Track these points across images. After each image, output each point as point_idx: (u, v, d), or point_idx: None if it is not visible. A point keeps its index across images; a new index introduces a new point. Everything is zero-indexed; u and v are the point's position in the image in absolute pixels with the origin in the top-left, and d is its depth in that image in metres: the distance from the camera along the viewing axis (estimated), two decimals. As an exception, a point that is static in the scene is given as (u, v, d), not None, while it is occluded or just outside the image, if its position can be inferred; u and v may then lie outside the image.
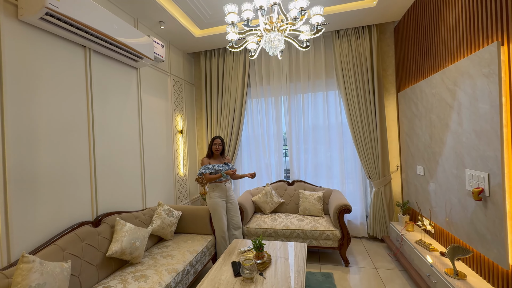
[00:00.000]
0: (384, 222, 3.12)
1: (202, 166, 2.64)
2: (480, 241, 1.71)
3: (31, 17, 1.59)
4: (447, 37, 2.04)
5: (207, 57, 3.78)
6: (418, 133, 2.58)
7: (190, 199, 3.67)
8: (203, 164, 2.66)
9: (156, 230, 2.38)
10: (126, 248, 1.91)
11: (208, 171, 2.61)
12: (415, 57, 2.63)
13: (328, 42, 3.39)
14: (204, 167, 2.63)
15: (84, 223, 1.90)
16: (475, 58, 1.68)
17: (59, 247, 1.63)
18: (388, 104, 3.26)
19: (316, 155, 3.52)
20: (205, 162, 2.68)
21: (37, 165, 1.66)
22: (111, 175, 2.27)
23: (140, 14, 2.65)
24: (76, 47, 2.00)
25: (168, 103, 3.30)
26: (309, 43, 2.21)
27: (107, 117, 2.27)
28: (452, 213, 2.04)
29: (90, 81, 2.10)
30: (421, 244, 2.30)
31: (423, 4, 2.43)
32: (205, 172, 2.61)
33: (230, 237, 2.69)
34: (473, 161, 1.74)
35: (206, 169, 2.62)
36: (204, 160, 2.69)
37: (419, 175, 2.60)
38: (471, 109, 1.74)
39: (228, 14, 1.88)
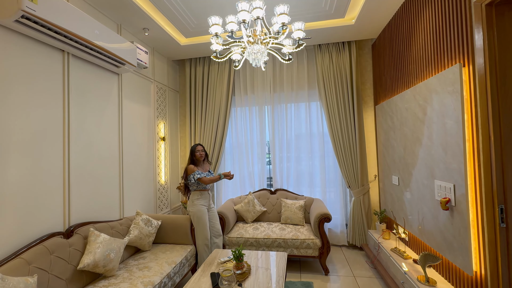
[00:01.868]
0: (363, 230, 3.21)
1: (196, 172, 2.59)
2: (448, 249, 1.81)
3: (5, 20, 1.53)
4: (418, 56, 2.20)
5: (192, 64, 3.79)
6: (394, 144, 2.71)
7: (171, 208, 3.59)
8: (192, 171, 2.61)
9: (133, 240, 2.30)
10: (100, 261, 1.82)
11: (203, 175, 2.60)
12: (390, 73, 2.80)
13: (310, 55, 3.52)
14: (198, 172, 2.59)
15: (54, 234, 1.81)
16: (441, 77, 1.82)
17: (24, 260, 1.53)
18: (367, 116, 3.41)
19: (299, 164, 3.59)
20: (192, 169, 2.63)
21: (4, 175, 1.57)
22: (86, 183, 2.18)
23: (123, 20, 2.63)
24: (54, 51, 1.94)
25: (151, 109, 3.25)
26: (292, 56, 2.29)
27: (85, 124, 2.20)
28: (424, 221, 2.14)
29: (68, 86, 2.04)
30: (396, 252, 2.39)
31: (396, 24, 2.61)
32: (201, 177, 2.57)
33: (211, 245, 2.65)
34: (441, 173, 1.85)
35: (201, 174, 2.59)
36: (192, 167, 2.64)
37: (394, 184, 2.72)
38: (439, 124, 1.87)
39: (212, 26, 1.92)
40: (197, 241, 2.57)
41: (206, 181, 2.58)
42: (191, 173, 2.60)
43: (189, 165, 2.67)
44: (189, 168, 2.64)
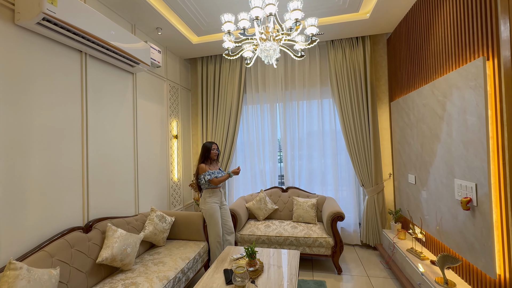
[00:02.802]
0: (377, 230, 3.14)
1: (206, 172, 2.62)
2: (469, 250, 1.74)
3: (27, 22, 1.59)
4: (437, 50, 2.11)
5: (204, 63, 3.82)
6: (410, 142, 2.63)
7: (183, 205, 3.65)
8: (203, 171, 2.64)
9: (148, 236, 2.35)
10: (117, 255, 1.88)
11: (213, 176, 2.62)
12: (406, 68, 2.70)
13: (323, 51, 3.46)
14: (208, 172, 2.62)
15: (74, 229, 1.88)
16: (462, 72, 1.74)
17: (48, 253, 1.60)
18: (381, 113, 3.32)
19: (311, 162, 3.55)
20: (205, 168, 2.66)
21: (28, 171, 1.65)
22: (103, 180, 2.25)
23: (138, 20, 2.68)
24: (73, 52, 2.00)
25: (164, 108, 3.31)
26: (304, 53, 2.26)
27: (102, 122, 2.26)
28: (442, 222, 2.07)
29: (86, 85, 2.10)
30: (413, 253, 2.33)
31: (414, 18, 2.51)
32: (211, 178, 2.60)
33: (223, 242, 2.68)
34: (461, 171, 1.78)
35: (211, 175, 2.62)
36: (204, 167, 2.66)
37: (410, 183, 2.65)
38: (459, 120, 1.79)
39: (225, 23, 1.92)
40: (210, 238, 2.61)
41: (216, 182, 2.61)
42: (202, 173, 2.63)
43: (200, 164, 2.68)
44: (200, 168, 2.66)
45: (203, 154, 2.74)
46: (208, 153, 2.73)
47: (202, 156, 2.74)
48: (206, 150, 2.74)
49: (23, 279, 1.27)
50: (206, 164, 2.71)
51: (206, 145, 2.76)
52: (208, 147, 2.74)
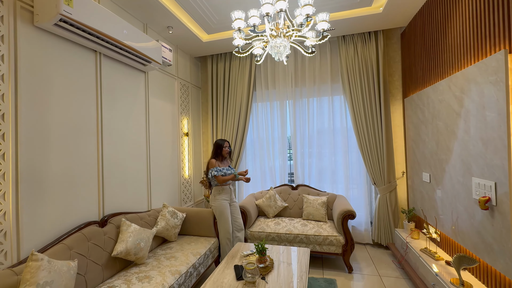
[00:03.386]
0: (389, 229, 3.09)
1: (213, 168, 2.64)
2: (487, 251, 1.68)
3: (46, 23, 1.65)
4: (454, 44, 2.03)
5: (213, 61, 3.84)
6: (425, 139, 2.55)
7: (194, 201, 3.70)
8: (212, 166, 2.66)
9: (161, 231, 2.41)
10: (131, 249, 1.94)
11: (220, 173, 2.64)
12: (421, 63, 2.62)
13: (334, 47, 3.40)
14: (216, 169, 2.64)
15: (91, 223, 1.95)
16: (482, 66, 1.67)
17: (66, 246, 1.67)
18: (394, 110, 3.24)
19: (321, 160, 3.51)
20: (214, 164, 2.68)
21: (47, 166, 1.72)
22: (117, 176, 2.32)
23: (149, 19, 2.72)
24: (88, 51, 2.06)
25: (175, 106, 3.35)
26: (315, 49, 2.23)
27: (115, 120, 2.32)
28: (459, 221, 2.01)
29: (100, 84, 2.16)
30: (427, 253, 2.27)
31: (430, 11, 2.42)
32: (217, 175, 2.62)
33: (233, 239, 2.70)
34: (480, 170, 1.71)
35: (218, 171, 2.63)
36: (213, 162, 2.69)
37: (425, 182, 2.57)
38: (478, 117, 1.72)
39: (235, 20, 1.92)
40: (220, 234, 2.64)
41: (221, 180, 2.62)
42: (211, 168, 2.66)
43: (211, 160, 2.72)
44: (210, 163, 2.70)
45: (215, 151, 2.77)
46: (220, 150, 2.75)
47: (214, 153, 2.77)
48: (218, 147, 2.76)
49: (44, 270, 1.33)
50: (217, 161, 2.73)
51: (218, 142, 2.78)
52: (220, 144, 2.76)
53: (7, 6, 1.53)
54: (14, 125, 1.54)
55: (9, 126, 1.51)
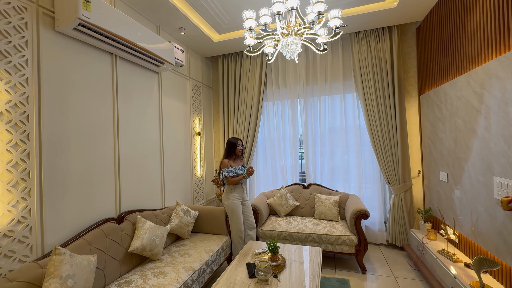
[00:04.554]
0: (404, 230, 3.01)
1: (225, 169, 2.66)
2: (510, 254, 1.61)
3: (65, 28, 1.72)
4: (474, 37, 1.95)
5: (224, 60, 3.87)
6: (442, 137, 2.47)
7: (206, 200, 3.76)
8: (225, 166, 2.68)
9: (174, 228, 2.46)
10: (147, 245, 1.99)
11: (231, 174, 2.65)
12: (438, 59, 2.53)
13: (346, 44, 3.35)
14: (227, 170, 2.65)
15: (108, 220, 2.02)
16: (504, 60, 1.59)
17: (86, 241, 1.74)
18: (410, 107, 3.15)
19: (333, 158, 3.47)
20: (226, 164, 2.69)
21: (68, 165, 1.80)
22: (133, 174, 2.39)
23: (162, 21, 2.77)
24: (104, 54, 2.13)
25: (187, 106, 3.41)
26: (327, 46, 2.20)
27: (130, 120, 2.39)
28: (479, 222, 1.93)
29: (116, 86, 2.23)
30: (444, 254, 2.20)
31: (447, 3, 2.34)
32: (228, 176, 2.64)
33: (245, 237, 2.72)
34: (502, 168, 1.64)
35: (229, 172, 2.65)
36: (226, 162, 2.70)
37: (442, 181, 2.49)
38: (500, 113, 1.65)
39: (247, 20, 1.92)
40: (232, 232, 2.67)
41: (230, 182, 2.64)
42: (223, 168, 2.68)
43: (224, 160, 2.73)
44: (222, 163, 2.72)
45: (228, 150, 2.77)
46: (233, 149, 2.75)
47: (227, 152, 2.77)
48: (231, 146, 2.76)
49: (66, 264, 1.39)
50: (230, 160, 2.74)
51: (231, 141, 2.78)
52: (233, 143, 2.76)
53: (31, 13, 1.61)
54: (38, 125, 1.62)
55: (33, 127, 1.60)
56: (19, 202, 1.52)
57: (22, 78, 1.55)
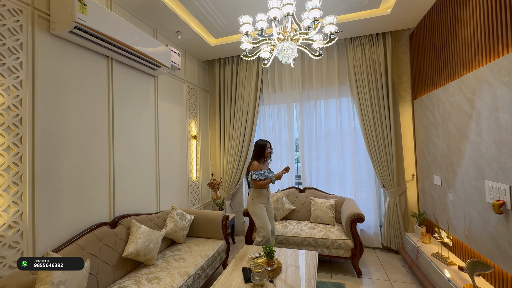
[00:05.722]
0: (399, 233, 3.03)
1: (255, 171, 2.54)
2: (502, 257, 1.63)
3: (61, 31, 1.71)
4: (465, 44, 2.00)
5: (221, 64, 3.88)
6: (435, 142, 2.51)
7: (202, 203, 3.73)
8: (254, 169, 2.56)
9: (169, 233, 2.44)
10: (141, 250, 1.97)
11: (261, 178, 2.53)
12: (431, 65, 2.58)
13: (341, 49, 3.39)
14: (257, 172, 2.54)
15: (102, 224, 1.99)
16: (494, 67, 1.64)
17: (79, 246, 1.71)
18: (403, 112, 3.20)
19: (329, 162, 3.49)
20: (256, 166, 2.57)
21: (61, 169, 1.77)
22: (128, 178, 2.37)
23: (159, 25, 2.78)
24: (100, 57, 2.13)
25: (183, 109, 3.41)
26: (322, 51, 2.23)
27: (126, 123, 2.38)
28: (472, 226, 1.96)
29: (112, 89, 2.22)
30: (438, 258, 2.22)
31: (439, 11, 2.40)
32: (258, 178, 2.52)
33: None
34: (493, 173, 1.67)
35: (259, 175, 2.53)
36: (256, 164, 2.58)
37: (436, 185, 2.52)
38: (490, 119, 1.68)
39: (243, 25, 1.94)
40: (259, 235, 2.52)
41: (258, 185, 2.52)
42: (253, 170, 2.56)
43: (254, 161, 2.60)
44: (252, 165, 2.58)
45: (257, 153, 2.63)
46: (262, 151, 2.62)
47: (256, 154, 2.64)
48: (260, 148, 2.62)
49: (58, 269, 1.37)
50: (259, 163, 2.62)
51: (259, 143, 2.64)
52: (262, 145, 2.61)
53: (26, 16, 1.60)
54: (31, 129, 1.60)
55: (27, 130, 1.58)
56: (10, 206, 1.49)
57: (16, 81, 1.54)
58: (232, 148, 3.73)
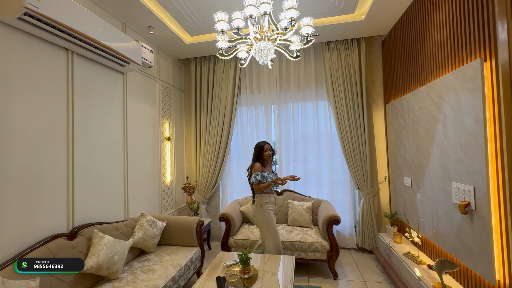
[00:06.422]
0: (372, 233, 3.11)
1: (258, 173, 2.34)
2: (467, 255, 1.71)
3: (8, 17, 1.51)
4: (433, 52, 2.10)
5: (197, 63, 3.75)
6: (406, 144, 2.61)
7: (176, 209, 3.55)
8: (257, 170, 2.36)
9: (138, 242, 2.26)
10: (103, 263, 1.78)
11: (264, 180, 2.32)
12: (402, 70, 2.69)
13: (318, 53, 3.43)
14: (261, 174, 2.33)
15: (58, 236, 1.78)
16: (459, 73, 1.72)
17: (27, 263, 1.49)
18: (376, 115, 3.31)
19: (306, 164, 3.51)
20: (259, 168, 2.38)
21: (7, 173, 1.55)
22: (91, 183, 2.15)
23: (128, 18, 2.60)
24: (58, 49, 1.91)
25: (156, 109, 3.22)
26: (300, 53, 2.22)
27: (89, 123, 2.17)
28: (439, 225, 2.04)
29: (72, 85, 2.01)
30: (409, 257, 2.29)
31: (409, 20, 2.50)
32: (262, 180, 2.32)
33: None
34: (459, 174, 1.75)
35: (262, 177, 2.32)
36: (258, 166, 2.38)
37: (406, 186, 2.62)
38: (456, 122, 1.77)
39: (218, 22, 1.86)
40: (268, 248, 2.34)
41: (256, 188, 2.35)
42: (255, 172, 2.36)
43: (256, 163, 2.40)
44: (255, 167, 2.39)
45: (256, 156, 2.45)
46: (261, 154, 2.43)
47: (256, 158, 2.45)
48: (259, 151, 2.44)
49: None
50: (262, 165, 2.43)
51: (258, 145, 2.46)
52: (261, 146, 2.44)
53: (-38, -4, 1.38)
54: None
55: (-39, 130, 1.35)
56: None
57: None
58: (209, 150, 3.61)
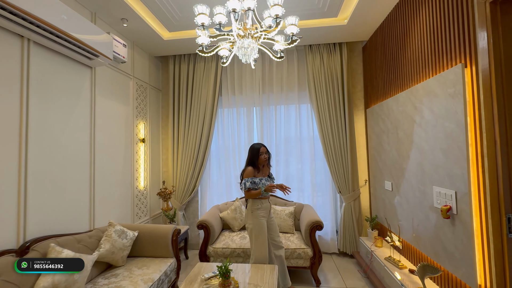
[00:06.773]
0: (353, 238, 3.10)
1: (249, 178, 2.18)
2: (448, 259, 1.71)
3: None
4: (414, 57, 2.13)
5: (176, 61, 3.55)
6: (386, 148, 2.63)
7: (150, 216, 3.30)
8: (248, 176, 2.19)
9: (104, 255, 2.02)
10: (60, 283, 1.55)
11: (254, 187, 2.17)
12: (383, 76, 2.73)
13: (301, 55, 3.41)
14: (251, 179, 2.17)
15: (4, 253, 1.52)
16: (440, 79, 1.74)
17: (-41, 288, 1.24)
18: (357, 120, 3.34)
19: (288, 167, 3.45)
20: (250, 172, 2.20)
21: None
22: (49, 191, 1.89)
23: (99, 8, 2.37)
24: (10, 36, 1.66)
25: (129, 108, 2.98)
26: (284, 54, 2.15)
27: (49, 121, 1.91)
28: (420, 229, 2.05)
29: (27, 77, 1.76)
30: (391, 261, 2.29)
31: (390, 26, 2.54)
32: (251, 187, 2.17)
33: (276, 258, 2.31)
34: (440, 179, 1.76)
35: (252, 184, 2.16)
36: (250, 170, 2.20)
37: (387, 190, 2.64)
38: (437, 127, 1.78)
39: (198, 15, 1.73)
40: (254, 258, 2.19)
41: (246, 195, 2.20)
42: (246, 177, 2.20)
43: (248, 167, 2.23)
44: (246, 171, 2.22)
45: (250, 159, 2.27)
46: (256, 157, 2.24)
47: (250, 161, 2.27)
48: (253, 154, 2.25)
49: None
50: (255, 169, 2.25)
51: (253, 147, 2.27)
52: (256, 148, 2.25)
53: None
54: None
55: None
56: None
57: None
58: (188, 153, 3.41)
